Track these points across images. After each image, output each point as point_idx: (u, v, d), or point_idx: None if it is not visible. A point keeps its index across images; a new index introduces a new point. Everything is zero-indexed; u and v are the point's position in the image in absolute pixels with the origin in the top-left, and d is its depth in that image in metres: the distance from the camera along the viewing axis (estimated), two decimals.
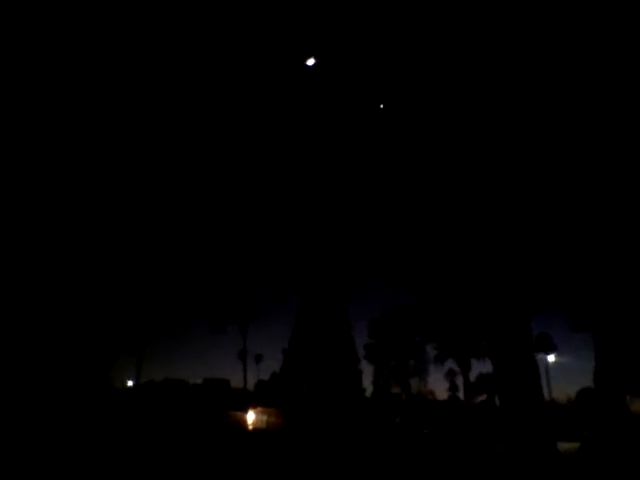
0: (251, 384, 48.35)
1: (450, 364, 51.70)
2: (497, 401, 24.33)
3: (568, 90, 16.08)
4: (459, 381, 52.03)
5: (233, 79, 19.46)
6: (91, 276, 25.64)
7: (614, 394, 19.90)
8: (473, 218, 18.11)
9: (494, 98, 16.86)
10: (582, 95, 16.03)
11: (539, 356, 34.97)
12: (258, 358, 52.86)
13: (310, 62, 18.58)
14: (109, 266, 26.84)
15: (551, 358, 41.35)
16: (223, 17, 17.36)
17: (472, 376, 50.20)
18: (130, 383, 43.86)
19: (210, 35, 17.72)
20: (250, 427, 28.50)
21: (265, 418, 29.54)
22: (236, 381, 45.00)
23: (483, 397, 49.78)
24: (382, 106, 19.26)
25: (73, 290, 24.76)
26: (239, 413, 29.51)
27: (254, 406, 30.83)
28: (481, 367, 50.57)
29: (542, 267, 20.91)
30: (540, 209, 18.14)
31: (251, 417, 29.30)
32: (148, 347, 45.19)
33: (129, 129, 20.34)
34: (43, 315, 23.33)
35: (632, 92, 15.24)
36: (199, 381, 38.81)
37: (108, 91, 18.77)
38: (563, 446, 17.62)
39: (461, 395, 51.21)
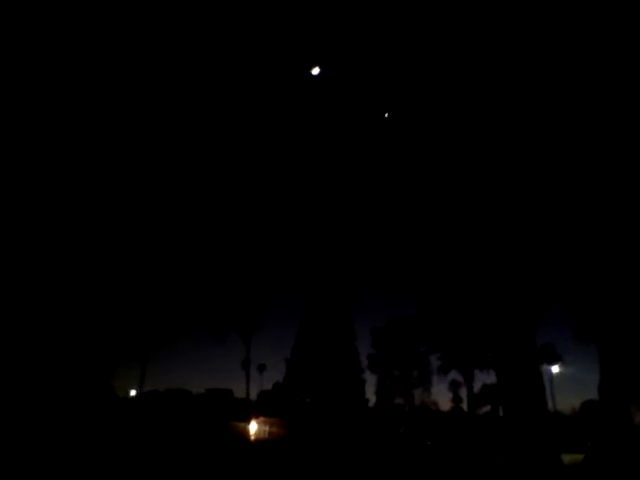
0: (254, 394, 48.23)
1: (454, 375, 51.59)
2: (501, 412, 24.25)
3: (568, 91, 16.06)
4: (463, 392, 51.90)
5: (239, 82, 19.52)
6: (93, 283, 25.60)
7: (618, 405, 19.80)
8: (477, 228, 18.11)
9: (494, 108, 16.90)
10: (582, 95, 16.00)
11: (543, 367, 34.83)
12: (261, 368, 52.70)
13: (315, 71, 18.66)
14: (111, 274, 26.79)
15: (555, 369, 41.19)
16: (227, 23, 17.47)
17: (476, 387, 50.06)
18: (133, 392, 43.75)
19: (213, 38, 17.81)
20: (252, 438, 28.35)
21: (267, 428, 29.41)
22: (239, 390, 44.90)
23: (487, 408, 49.56)
24: (387, 115, 19.32)
25: (74, 297, 24.72)
26: (242, 424, 29.33)
27: (256, 416, 30.68)
28: (485, 378, 50.43)
29: (546, 277, 20.87)
30: (544, 221, 18.14)
31: (253, 427, 29.16)
32: (151, 356, 45.08)
33: (130, 135, 20.40)
34: (45, 324, 23.30)
35: (632, 92, 15.18)
36: (202, 391, 38.68)
37: (108, 94, 18.83)
38: (567, 458, 17.52)
39: (465, 406, 51.01)
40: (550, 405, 28.38)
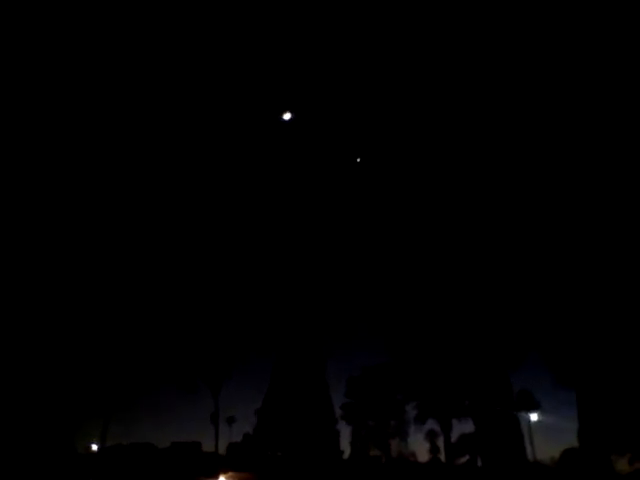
0: (223, 447, 46.59)
1: (431, 424, 50.61)
2: (480, 462, 23.41)
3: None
4: (440, 442, 50.77)
5: (207, 138, 19.53)
6: (57, 336, 25.14)
7: (599, 454, 19.25)
8: (453, 278, 17.99)
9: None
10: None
11: (521, 415, 34.19)
12: (230, 420, 51.30)
13: (286, 116, 18.68)
14: (77, 326, 26.36)
15: (534, 417, 40.34)
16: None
17: (453, 436, 49.03)
18: (95, 447, 41.79)
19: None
20: None
21: None
22: (208, 444, 43.34)
23: (465, 458, 48.44)
24: (359, 160, 19.33)
25: (38, 351, 24.21)
26: (209, 479, 28.24)
27: (225, 471, 29.68)
28: (463, 427, 49.49)
29: (523, 323, 20.60)
30: (519, 269, 18.02)
31: None
32: (116, 409, 43.52)
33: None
34: (8, 379, 22.71)
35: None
36: (168, 445, 37.29)
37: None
38: None
39: (442, 456, 49.85)
40: (530, 454, 27.65)
